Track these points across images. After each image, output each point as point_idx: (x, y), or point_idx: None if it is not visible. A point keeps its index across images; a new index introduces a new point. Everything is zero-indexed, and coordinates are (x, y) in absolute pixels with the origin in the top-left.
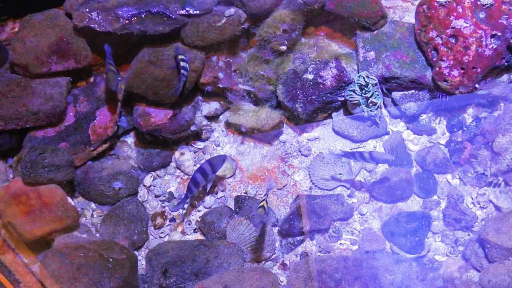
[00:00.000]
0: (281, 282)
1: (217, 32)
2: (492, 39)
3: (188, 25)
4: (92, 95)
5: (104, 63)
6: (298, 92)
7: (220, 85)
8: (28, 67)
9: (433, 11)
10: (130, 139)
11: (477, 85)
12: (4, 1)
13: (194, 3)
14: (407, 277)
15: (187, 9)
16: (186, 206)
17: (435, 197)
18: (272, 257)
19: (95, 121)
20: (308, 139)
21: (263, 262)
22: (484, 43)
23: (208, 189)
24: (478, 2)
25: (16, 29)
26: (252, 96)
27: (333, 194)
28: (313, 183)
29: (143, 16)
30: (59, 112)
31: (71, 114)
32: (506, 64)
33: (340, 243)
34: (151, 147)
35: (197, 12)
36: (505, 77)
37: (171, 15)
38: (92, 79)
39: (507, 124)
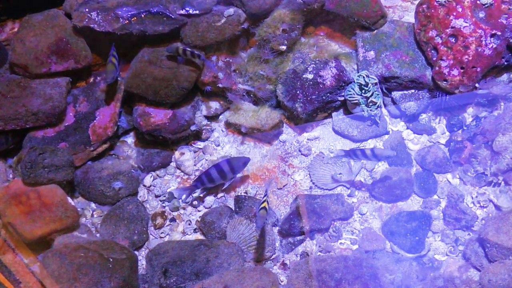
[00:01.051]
0: (281, 281)
1: (216, 32)
2: (492, 38)
3: (187, 25)
4: (92, 95)
5: (104, 63)
6: (298, 92)
7: (220, 85)
8: (27, 67)
9: (432, 11)
10: (130, 139)
11: (477, 85)
12: (3, 1)
13: (194, 3)
14: (407, 277)
15: (187, 9)
16: (189, 199)
17: (435, 196)
18: (272, 257)
19: (95, 121)
20: (308, 139)
21: (263, 262)
22: (483, 42)
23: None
24: (478, 2)
25: (16, 29)
26: (252, 95)
27: (333, 194)
28: (313, 183)
29: (142, 16)
30: (58, 112)
31: (71, 114)
32: (506, 63)
33: (340, 243)
34: (151, 147)
35: (197, 12)
36: (505, 76)
37: (170, 15)
38: (91, 79)
39: (507, 123)
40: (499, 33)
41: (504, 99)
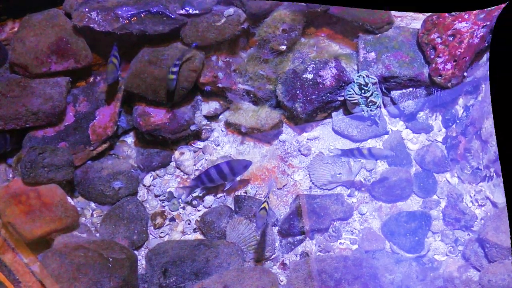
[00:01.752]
0: (281, 281)
1: (216, 32)
2: (483, 28)
3: (187, 24)
4: (92, 95)
5: (104, 62)
6: (298, 92)
7: (220, 85)
8: (27, 67)
9: (440, 19)
10: (129, 139)
11: (465, 73)
12: (3, 1)
13: (194, 2)
14: (407, 277)
15: (187, 8)
16: (189, 198)
17: (434, 196)
18: (272, 257)
19: (94, 121)
20: (307, 139)
21: (263, 261)
22: (475, 34)
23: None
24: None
25: (16, 29)
26: (251, 95)
27: (333, 194)
28: (312, 183)
29: (142, 15)
30: (58, 112)
31: (71, 114)
32: (486, 44)
33: (340, 243)
34: (150, 146)
35: (197, 11)
36: (484, 58)
37: (170, 14)
38: (91, 79)
39: (488, 105)
40: (488, 22)
41: (484, 80)
